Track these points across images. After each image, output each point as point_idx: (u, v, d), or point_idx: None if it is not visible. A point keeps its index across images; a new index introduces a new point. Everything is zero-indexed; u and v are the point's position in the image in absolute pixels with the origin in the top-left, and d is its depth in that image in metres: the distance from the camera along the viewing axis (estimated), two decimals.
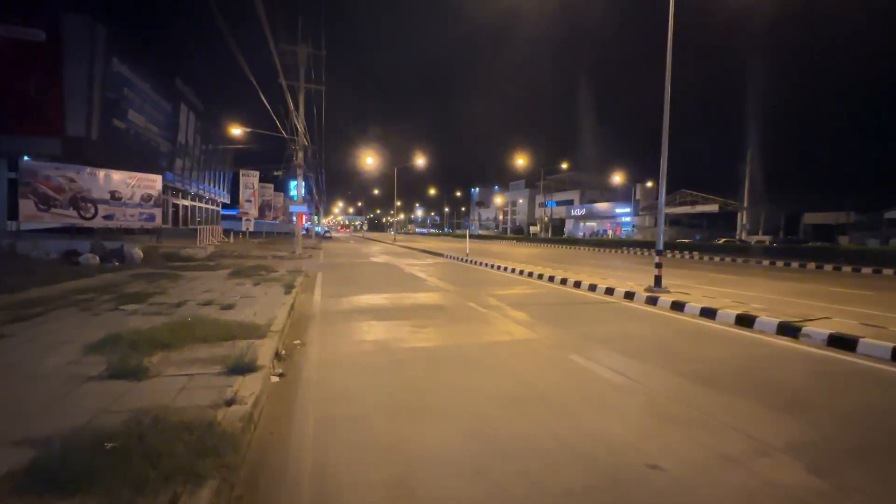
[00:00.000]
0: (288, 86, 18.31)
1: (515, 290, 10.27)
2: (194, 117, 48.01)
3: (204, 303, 6.71)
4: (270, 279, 9.96)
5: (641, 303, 8.63)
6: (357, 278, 12.44)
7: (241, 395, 3.16)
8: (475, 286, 10.83)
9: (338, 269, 14.95)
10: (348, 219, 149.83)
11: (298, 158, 20.13)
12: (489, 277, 13.10)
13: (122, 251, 12.62)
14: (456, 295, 9.39)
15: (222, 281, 9.48)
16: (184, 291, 7.88)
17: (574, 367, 4.56)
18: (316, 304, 7.94)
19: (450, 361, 4.66)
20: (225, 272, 11.07)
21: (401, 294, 9.33)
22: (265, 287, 8.74)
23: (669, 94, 9.43)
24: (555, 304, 8.63)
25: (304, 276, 11.76)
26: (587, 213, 70.65)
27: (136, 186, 21.04)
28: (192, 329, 4.82)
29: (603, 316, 7.43)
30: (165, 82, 39.93)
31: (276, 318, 5.91)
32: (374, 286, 10.60)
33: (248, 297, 7.43)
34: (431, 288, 10.44)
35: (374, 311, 7.36)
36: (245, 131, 20.16)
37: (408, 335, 5.75)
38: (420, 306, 7.94)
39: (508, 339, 5.69)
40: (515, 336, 5.83)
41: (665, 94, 9.46)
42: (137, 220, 21.14)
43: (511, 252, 27.71)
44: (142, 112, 34.97)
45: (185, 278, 9.70)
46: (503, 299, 8.83)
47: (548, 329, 6.24)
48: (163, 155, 40.71)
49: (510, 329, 6.21)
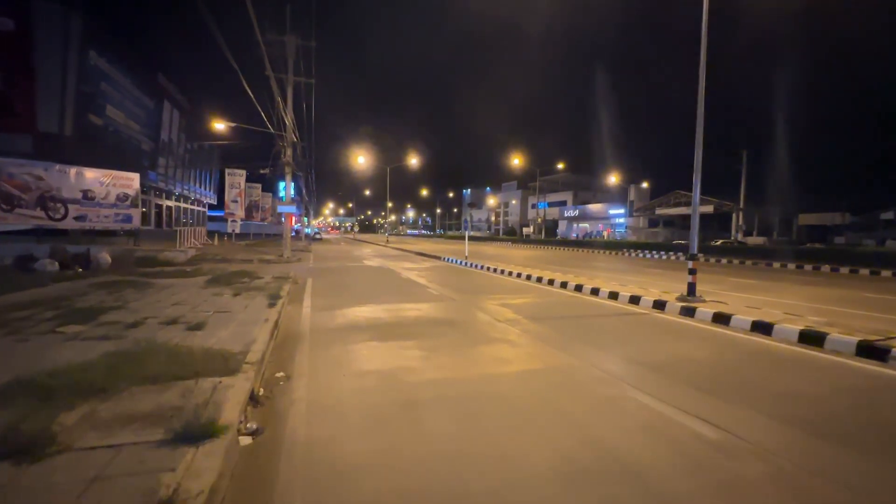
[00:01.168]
0: (276, 78, 17.10)
1: (528, 299, 9.22)
2: (178, 115, 46.33)
3: (168, 321, 5.53)
4: (253, 287, 8.78)
5: (675, 314, 7.63)
6: (351, 285, 11.30)
7: (186, 489, 2.04)
8: (483, 294, 9.76)
9: (329, 275, 13.78)
10: (339, 220, 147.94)
11: (287, 156, 18.89)
12: (495, 283, 12.04)
13: (88, 256, 11.33)
14: (464, 305, 8.31)
15: (197, 290, 8.29)
16: (148, 305, 6.68)
17: (643, 410, 3.50)
18: (305, 319, 6.80)
19: (481, 404, 3.58)
20: (203, 279, 9.86)
21: (402, 304, 8.22)
22: (246, 298, 7.57)
23: (704, 88, 8.47)
24: (579, 316, 7.59)
25: (293, 282, 10.59)
26: (580, 215, 70.16)
27: (112, 185, 19.61)
28: (142, 362, 3.68)
29: (640, 332, 6.40)
30: (147, 77, 38.34)
31: (256, 340, 4.77)
32: (370, 294, 9.48)
33: (225, 312, 6.27)
34: (435, 297, 9.35)
35: (374, 328, 6.25)
36: (229, 126, 18.88)
37: (419, 362, 4.66)
38: (426, 320, 6.85)
39: (542, 365, 4.63)
40: (550, 361, 4.77)
41: (699, 86, 8.50)
42: (113, 222, 19.71)
43: (508, 254, 26.71)
44: (121, 108, 33.33)
45: (154, 287, 8.49)
46: (519, 310, 7.77)
47: (584, 350, 5.19)
48: (145, 153, 39.03)
49: (540, 352, 5.15)
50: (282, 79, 18.90)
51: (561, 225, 73.24)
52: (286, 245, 19.10)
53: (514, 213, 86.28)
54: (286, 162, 18.85)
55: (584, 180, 75.82)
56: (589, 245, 40.91)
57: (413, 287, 10.94)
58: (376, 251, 28.63)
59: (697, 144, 8.55)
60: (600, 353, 5.09)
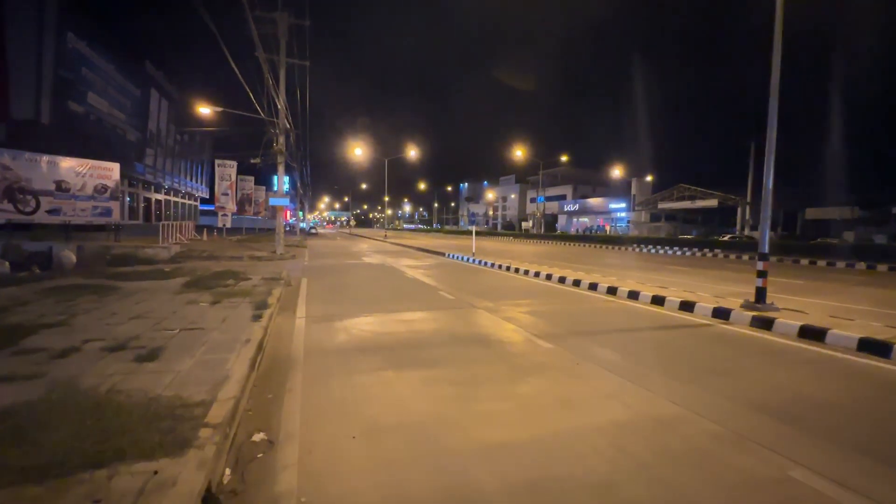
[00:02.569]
0: (267, 60, 15.62)
1: (560, 306, 7.92)
2: (167, 105, 44.53)
3: (114, 346, 4.17)
4: (237, 292, 7.42)
5: (746, 326, 6.35)
6: (351, 287, 9.95)
7: None
8: (505, 299, 8.44)
9: (327, 274, 12.41)
10: (334, 214, 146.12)
11: (279, 144, 17.42)
12: (513, 285, 10.73)
13: (50, 254, 9.91)
14: (487, 313, 6.99)
15: (169, 297, 6.91)
16: (99, 320, 5.31)
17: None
18: (298, 336, 5.46)
19: (575, 499, 2.26)
20: (180, 281, 8.48)
21: (413, 313, 6.90)
22: (227, 306, 6.22)
23: (779, 73, 7.13)
24: (632, 330, 6.29)
25: (285, 284, 9.24)
26: (580, 209, 69.00)
27: (89, 176, 18.05)
28: (35, 433, 2.34)
29: (722, 354, 5.11)
30: (132, 64, 36.55)
31: (229, 377, 3.44)
32: (375, 299, 8.14)
33: (195, 329, 4.92)
34: (450, 302, 8.02)
35: (386, 348, 4.92)
36: (216, 111, 17.31)
37: (455, 407, 3.34)
38: (449, 336, 5.53)
39: (628, 413, 3.31)
40: (635, 405, 3.46)
41: (773, 72, 7.16)
42: (90, 216, 18.18)
43: (512, 249, 25.41)
44: (104, 96, 31.56)
45: (118, 293, 7.11)
46: (554, 321, 6.47)
47: (670, 386, 3.89)
48: (131, 144, 37.29)
49: (613, 388, 3.84)
50: (273, 61, 17.42)
51: (560, 219, 72.13)
52: (279, 241, 17.69)
53: (513, 208, 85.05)
54: (278, 150, 17.39)
55: (584, 174, 74.73)
56: (593, 240, 39.71)
57: (422, 289, 9.60)
58: (375, 247, 27.24)
59: (771, 125, 7.20)
60: (696, 391, 3.79)
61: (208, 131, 57.37)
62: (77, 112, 27.34)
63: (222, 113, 19.26)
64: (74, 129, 26.59)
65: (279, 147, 17.47)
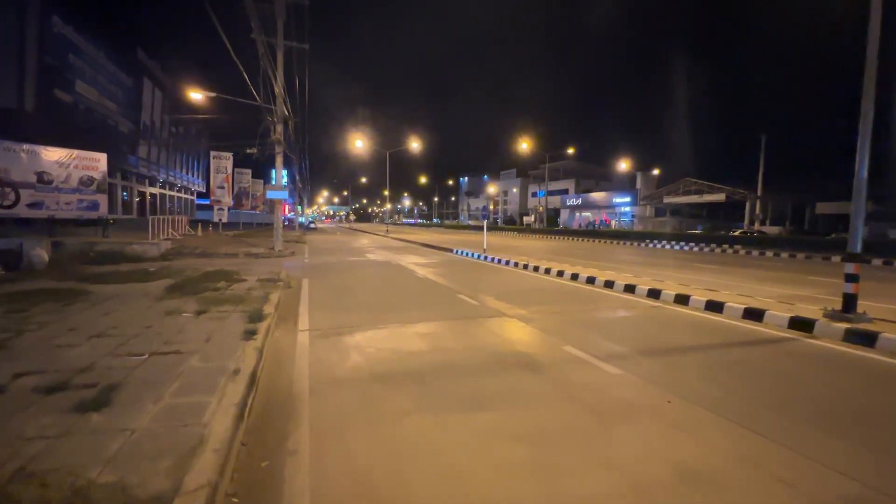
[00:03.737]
0: (265, 43, 14.44)
1: (604, 313, 6.86)
2: (161, 95, 43.13)
3: (53, 384, 3.08)
4: (229, 298, 6.34)
5: (838, 341, 5.29)
6: (359, 289, 8.86)
7: None
8: (536, 304, 7.37)
9: (330, 273, 11.33)
10: (333, 209, 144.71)
11: (277, 133, 16.27)
12: (538, 286, 9.66)
13: (21, 252, 8.81)
14: (526, 326, 5.92)
15: (146, 306, 5.83)
16: (48, 340, 4.23)
17: None
18: (301, 358, 4.38)
19: None
20: (165, 284, 7.39)
21: (435, 322, 5.83)
22: (214, 318, 5.14)
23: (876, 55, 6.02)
24: (710, 348, 5.21)
25: (284, 286, 8.17)
26: (583, 203, 67.86)
27: (73, 167, 16.85)
28: None
29: (844, 385, 4.03)
30: (124, 51, 35.09)
31: (205, 441, 2.37)
32: (388, 304, 7.06)
33: (169, 354, 3.84)
34: (476, 309, 6.94)
35: (414, 378, 3.86)
36: (210, 97, 16.10)
37: (539, 492, 2.27)
38: (491, 359, 4.46)
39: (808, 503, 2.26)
40: (809, 487, 2.40)
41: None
42: (76, 209, 17.01)
43: (519, 245, 24.34)
44: (94, 84, 30.20)
45: (87, 301, 6.03)
46: (609, 334, 5.41)
47: (832, 449, 2.83)
48: (123, 136, 35.96)
49: (755, 451, 2.77)
50: (271, 44, 16.22)
51: (563, 214, 71.05)
52: (277, 236, 16.59)
53: (514, 202, 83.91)
54: (276, 140, 16.24)
55: (587, 168, 73.61)
56: (600, 235, 38.65)
57: (438, 292, 8.53)
58: (377, 242, 26.14)
59: (865, 105, 6.10)
60: (866, 455, 2.73)
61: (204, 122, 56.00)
62: (64, 101, 26.03)
63: (219, 103, 18.10)
64: (62, 118, 25.32)
65: (277, 136, 16.32)
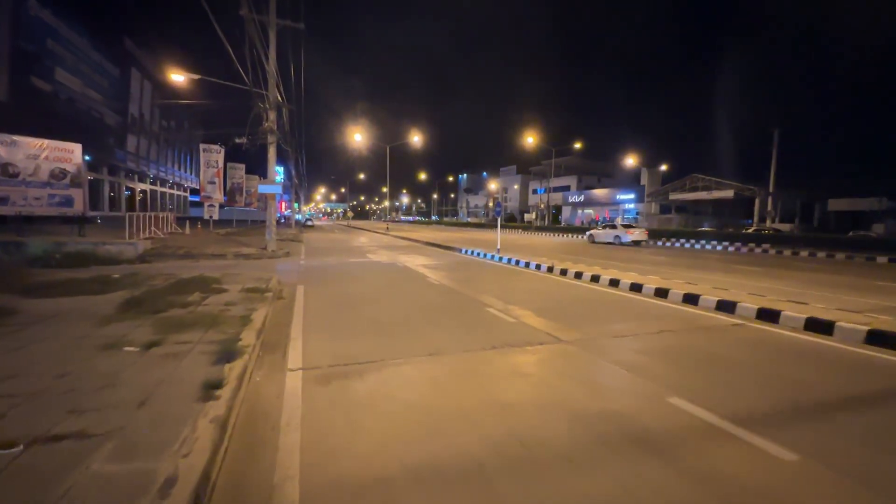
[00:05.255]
0: (256, 21, 12.87)
1: (694, 340, 5.40)
2: (150, 86, 41.36)
3: None
4: (197, 321, 4.83)
5: None
6: (364, 299, 7.35)
7: None
8: (593, 324, 5.89)
9: (329, 279, 9.83)
10: (330, 206, 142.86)
11: (270, 120, 14.71)
12: (581, 295, 8.17)
13: None
14: (600, 360, 4.44)
15: (82, 333, 4.32)
16: None
17: None
18: (288, 429, 2.87)
19: None
20: (121, 298, 5.88)
21: (476, 354, 4.35)
22: (169, 353, 3.64)
23: None
24: (866, 400, 3.77)
25: (274, 297, 6.67)
26: (585, 200, 66.42)
27: (44, 158, 15.21)
28: None
29: None
30: (109, 39, 33.30)
31: None
32: (405, 323, 5.56)
33: (65, 440, 2.34)
34: (522, 332, 5.44)
35: (468, 471, 2.36)
36: (191, 78, 14.49)
37: None
38: (584, 433, 2.98)
39: None
40: None
41: None
42: (47, 205, 15.37)
43: (527, 243, 22.88)
44: (76, 73, 28.42)
45: (6, 325, 4.51)
46: (727, 381, 3.95)
47: None
48: (109, 129, 34.19)
49: None
50: (263, 22, 14.65)
51: (564, 211, 69.62)
52: (271, 236, 15.06)
53: (514, 199, 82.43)
54: (268, 128, 14.68)
55: (589, 164, 72.16)
56: None
57: (461, 303, 7.03)
58: (378, 241, 24.62)
59: None
60: None
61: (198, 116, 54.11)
62: (43, 90, 24.34)
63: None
64: (40, 108, 23.66)
65: (269, 124, 14.76)
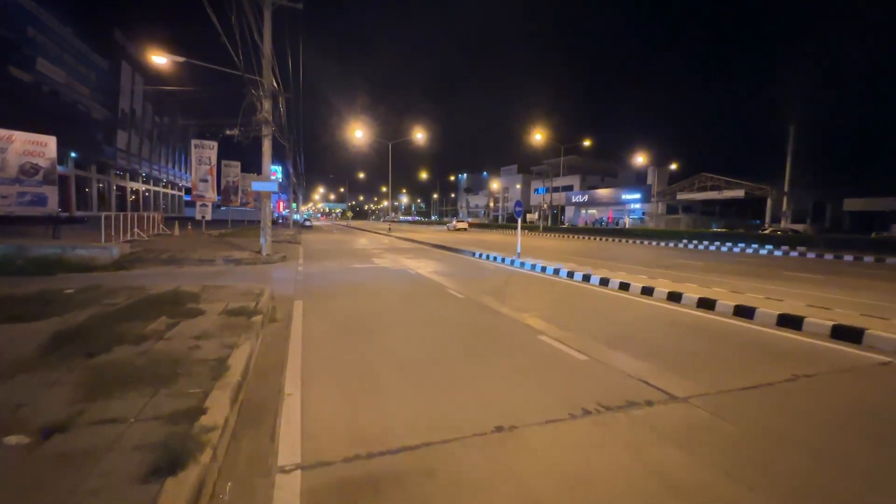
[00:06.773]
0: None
1: (849, 399, 3.91)
2: (142, 81, 39.68)
3: None
4: (144, 375, 3.30)
5: None
6: (380, 323, 5.81)
7: None
8: (709, 372, 4.40)
9: (333, 292, 8.29)
10: (329, 206, 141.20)
11: (265, 110, 13.18)
12: (644, 314, 6.67)
13: None
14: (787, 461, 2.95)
15: None
16: None
17: None
18: None
19: None
20: (52, 329, 4.37)
21: (570, 425, 2.84)
22: (66, 466, 2.13)
23: None
24: None
25: (265, 320, 5.15)
26: (589, 200, 64.90)
27: (12, 152, 13.66)
28: None
29: None
30: (98, 30, 31.64)
31: None
32: (443, 363, 4.04)
33: None
34: (610, 381, 3.93)
35: None
36: (176, 61, 12.87)
37: None
38: None
39: None
40: None
41: None
42: (16, 204, 13.82)
43: (538, 245, 21.38)
44: (61, 64, 26.72)
45: None
46: None
47: None
48: (98, 124, 32.50)
49: None
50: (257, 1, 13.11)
51: (567, 211, 68.17)
52: (266, 237, 13.52)
53: (515, 199, 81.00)
54: (263, 119, 13.14)
55: (592, 164, 70.69)
56: (613, 234, 35.65)
57: (505, 330, 5.51)
58: (381, 243, 23.08)
59: None
60: None
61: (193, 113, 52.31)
62: (22, 80, 22.71)
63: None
64: (19, 99, 22.05)
65: (264, 114, 13.23)
